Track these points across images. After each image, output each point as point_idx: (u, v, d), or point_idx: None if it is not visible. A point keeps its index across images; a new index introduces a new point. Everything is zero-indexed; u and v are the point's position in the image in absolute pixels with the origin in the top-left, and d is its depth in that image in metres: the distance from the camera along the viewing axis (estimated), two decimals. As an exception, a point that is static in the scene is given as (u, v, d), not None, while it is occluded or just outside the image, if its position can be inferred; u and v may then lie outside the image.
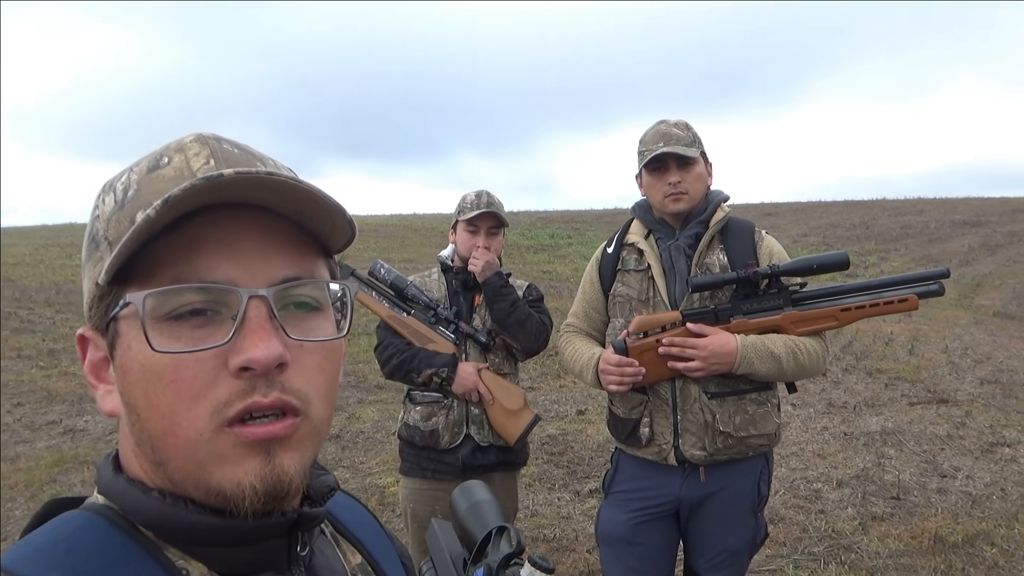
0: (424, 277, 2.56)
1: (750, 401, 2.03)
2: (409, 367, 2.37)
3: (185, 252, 0.53)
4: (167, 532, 0.54)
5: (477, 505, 0.82)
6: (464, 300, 2.49)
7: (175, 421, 0.52)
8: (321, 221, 0.58)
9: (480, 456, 2.40)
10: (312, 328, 0.57)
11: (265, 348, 0.52)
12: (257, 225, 0.55)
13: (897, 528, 3.77)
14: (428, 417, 2.42)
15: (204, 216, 0.53)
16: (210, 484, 0.53)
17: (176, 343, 0.52)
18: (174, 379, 0.52)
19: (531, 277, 13.68)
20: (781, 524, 3.84)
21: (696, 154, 2.07)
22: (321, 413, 0.57)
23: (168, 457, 0.53)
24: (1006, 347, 8.33)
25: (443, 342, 2.40)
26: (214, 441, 0.52)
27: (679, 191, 2.05)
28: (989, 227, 19.14)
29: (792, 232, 19.95)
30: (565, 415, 5.94)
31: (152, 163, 0.56)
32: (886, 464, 4.69)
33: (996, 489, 4.26)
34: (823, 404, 6.09)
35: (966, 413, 5.74)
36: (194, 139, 0.57)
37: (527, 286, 2.57)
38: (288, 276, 0.55)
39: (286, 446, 0.54)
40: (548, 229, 21.80)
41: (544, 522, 3.95)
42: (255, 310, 0.53)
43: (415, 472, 2.45)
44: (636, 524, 2.10)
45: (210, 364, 0.52)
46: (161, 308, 0.52)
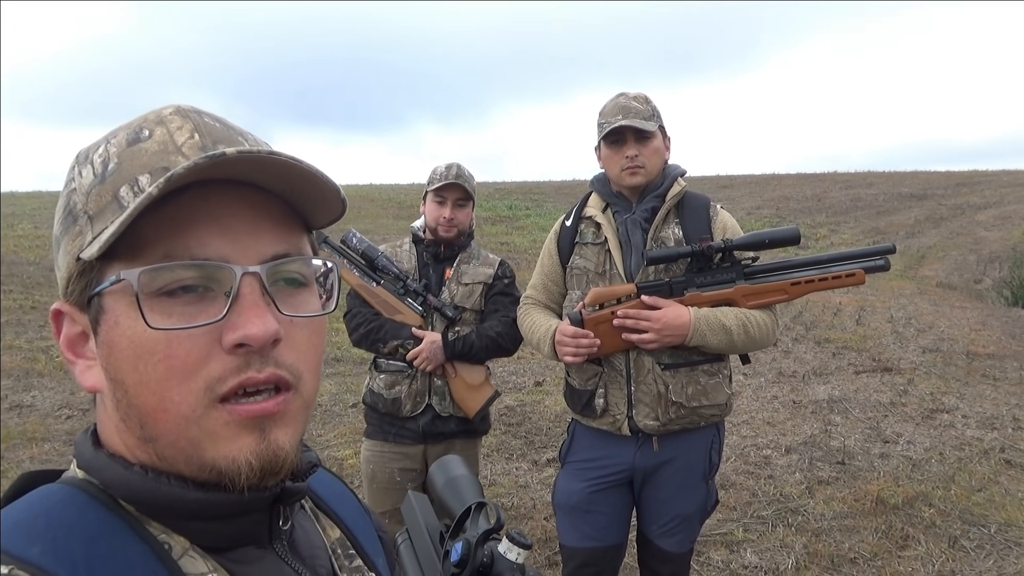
0: (395, 247, 2.58)
1: (702, 372, 2.08)
2: (376, 337, 2.42)
3: (175, 228, 0.53)
4: (149, 506, 0.54)
5: (455, 480, 0.82)
6: (434, 272, 2.52)
7: (167, 397, 0.52)
8: (308, 199, 0.58)
9: (440, 424, 2.46)
10: (301, 303, 0.57)
11: (261, 324, 0.52)
12: (247, 202, 0.55)
13: (841, 491, 3.92)
14: (392, 385, 2.47)
15: (193, 192, 0.53)
16: (204, 460, 0.53)
17: (169, 319, 0.52)
18: (166, 355, 0.51)
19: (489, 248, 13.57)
20: (732, 489, 3.96)
21: (654, 128, 2.08)
22: (311, 387, 0.58)
23: (159, 433, 0.53)
24: (947, 316, 8.64)
25: (410, 314, 2.43)
26: (207, 418, 0.52)
27: (636, 164, 2.07)
28: (935, 200, 19.72)
29: (746, 204, 20.28)
30: (523, 386, 6.00)
31: (132, 136, 0.55)
32: (832, 431, 4.86)
33: (935, 453, 4.45)
34: (773, 373, 6.25)
35: (908, 381, 5.96)
36: (174, 111, 0.57)
37: (499, 264, 2.59)
38: (278, 252, 0.56)
39: (279, 422, 0.55)
40: (506, 200, 21.75)
41: (502, 491, 4.00)
42: (248, 287, 0.53)
43: (377, 435, 2.52)
44: (592, 493, 2.14)
45: (203, 340, 0.52)
46: (151, 284, 0.52)
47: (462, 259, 2.55)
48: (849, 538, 3.40)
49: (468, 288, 2.51)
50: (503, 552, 0.74)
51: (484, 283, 2.53)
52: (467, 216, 2.53)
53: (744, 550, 3.31)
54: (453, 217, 2.47)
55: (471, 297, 2.51)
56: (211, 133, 0.56)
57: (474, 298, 2.51)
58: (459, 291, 2.50)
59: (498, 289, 2.54)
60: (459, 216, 2.49)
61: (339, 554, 0.67)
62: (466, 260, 2.55)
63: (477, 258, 2.58)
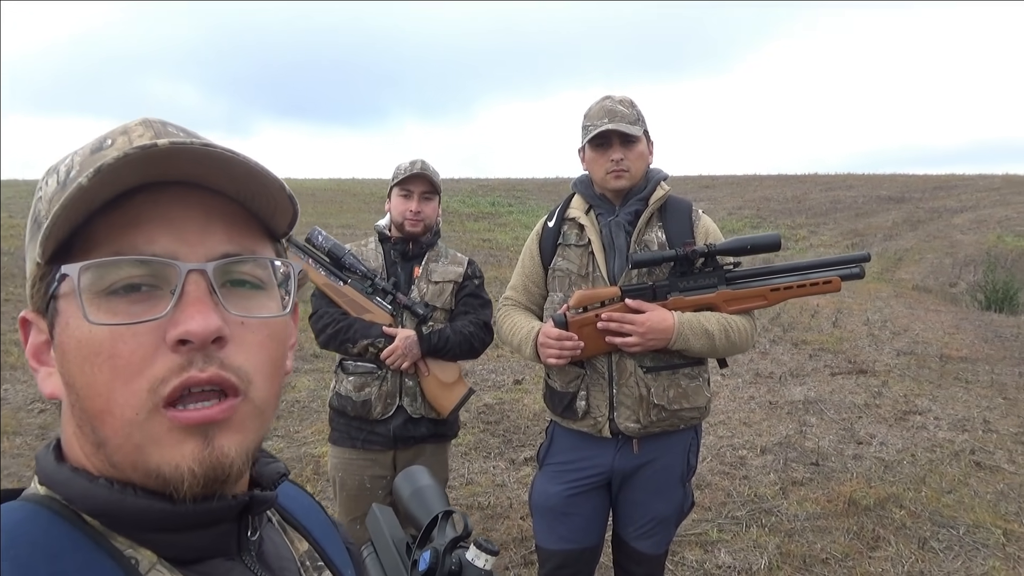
0: (361, 246, 2.52)
1: (683, 375, 2.09)
2: (345, 337, 2.34)
3: (124, 228, 0.53)
4: (114, 520, 0.53)
5: (421, 491, 0.82)
6: (403, 271, 2.47)
7: (112, 399, 0.51)
8: (264, 201, 0.58)
9: (411, 428, 2.41)
10: (255, 306, 0.56)
11: (203, 320, 0.51)
12: (199, 203, 0.55)
13: (815, 492, 3.96)
14: (361, 387, 2.40)
15: (145, 194, 0.53)
16: (148, 466, 0.52)
17: (113, 317, 0.51)
18: (111, 354, 0.51)
19: (471, 245, 13.66)
20: (707, 489, 3.99)
21: (639, 132, 2.09)
22: (263, 393, 0.56)
23: (107, 437, 0.53)
24: (922, 319, 8.76)
25: (380, 312, 2.37)
26: (150, 422, 0.51)
27: (621, 168, 2.08)
28: (912, 203, 19.97)
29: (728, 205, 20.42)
30: (502, 384, 6.01)
31: (96, 145, 0.56)
32: (807, 432, 4.91)
33: (907, 455, 4.51)
34: (751, 374, 6.31)
35: (883, 383, 6.04)
36: (139, 122, 0.57)
37: (468, 264, 2.55)
38: (229, 252, 0.55)
39: (226, 428, 0.53)
40: (489, 197, 21.75)
41: (479, 490, 4.01)
42: (194, 284, 0.53)
43: (344, 442, 2.44)
44: (569, 496, 2.15)
45: (148, 339, 0.51)
46: (100, 283, 0.52)
47: (430, 257, 2.50)
48: (821, 539, 3.45)
49: (439, 287, 2.46)
50: (471, 559, 0.75)
51: (454, 282, 2.49)
52: (433, 210, 2.48)
53: (718, 550, 3.34)
54: (420, 210, 2.42)
55: (442, 296, 2.46)
56: (170, 137, 0.55)
57: (444, 297, 2.46)
58: (429, 289, 2.45)
59: (469, 290, 2.50)
60: (425, 210, 2.44)
61: (308, 566, 0.67)
62: (434, 258, 2.50)
63: (445, 256, 2.53)
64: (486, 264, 11.28)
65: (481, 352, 2.50)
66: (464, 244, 13.73)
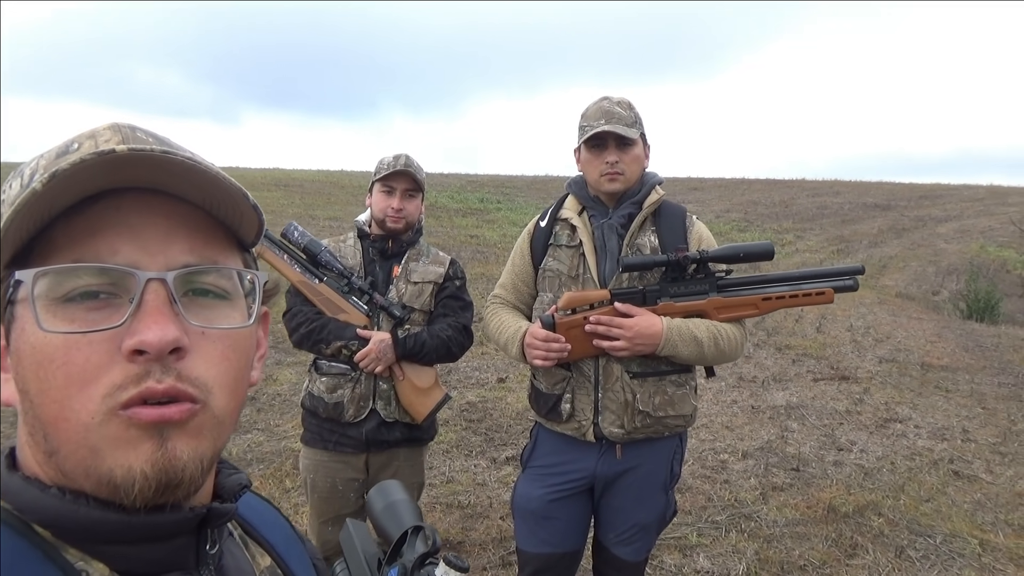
0: (339, 242, 2.44)
1: (670, 383, 2.08)
2: (318, 337, 2.27)
3: (84, 235, 0.52)
4: (67, 531, 0.52)
5: (393, 505, 0.81)
6: (381, 270, 2.39)
7: (66, 405, 0.50)
8: (229, 210, 0.57)
9: (385, 432, 2.34)
10: (217, 316, 0.55)
11: (159, 330, 0.50)
12: (162, 211, 0.54)
13: (795, 498, 3.98)
14: (333, 389, 2.33)
15: (107, 200, 0.52)
16: (101, 471, 0.51)
17: (69, 324, 0.50)
18: (65, 362, 0.50)
19: (459, 241, 13.62)
20: (688, 493, 4.00)
21: (636, 135, 2.06)
22: (224, 404, 0.55)
23: (60, 444, 0.51)
24: (905, 327, 8.83)
25: (355, 313, 2.30)
26: (106, 424, 0.50)
27: (616, 171, 2.06)
28: (898, 211, 20.13)
29: (715, 207, 20.50)
30: (486, 382, 5.99)
31: (62, 149, 0.54)
32: (789, 437, 4.93)
33: (887, 462, 4.54)
34: (734, 378, 6.33)
35: (864, 390, 6.08)
36: (108, 126, 0.55)
37: (449, 264, 2.47)
38: (191, 262, 0.54)
39: (181, 432, 0.52)
40: (478, 193, 21.71)
41: (460, 488, 3.99)
42: (153, 293, 0.51)
43: (317, 443, 2.38)
44: (552, 500, 2.14)
45: (103, 347, 0.50)
46: (57, 290, 0.51)
47: (411, 256, 2.42)
48: (800, 545, 3.46)
49: (418, 287, 2.39)
50: None
51: (434, 283, 2.41)
52: (416, 208, 2.41)
53: (697, 555, 3.34)
54: (402, 208, 2.35)
55: (420, 297, 2.38)
56: (139, 143, 0.54)
57: (423, 298, 2.39)
58: (408, 290, 2.37)
59: (449, 292, 2.43)
60: (408, 207, 2.37)
61: None
62: (415, 257, 2.42)
63: (427, 255, 2.45)
64: (473, 260, 11.26)
65: (460, 356, 2.44)
66: (451, 240, 13.69)
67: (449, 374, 6.14)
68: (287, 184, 20.31)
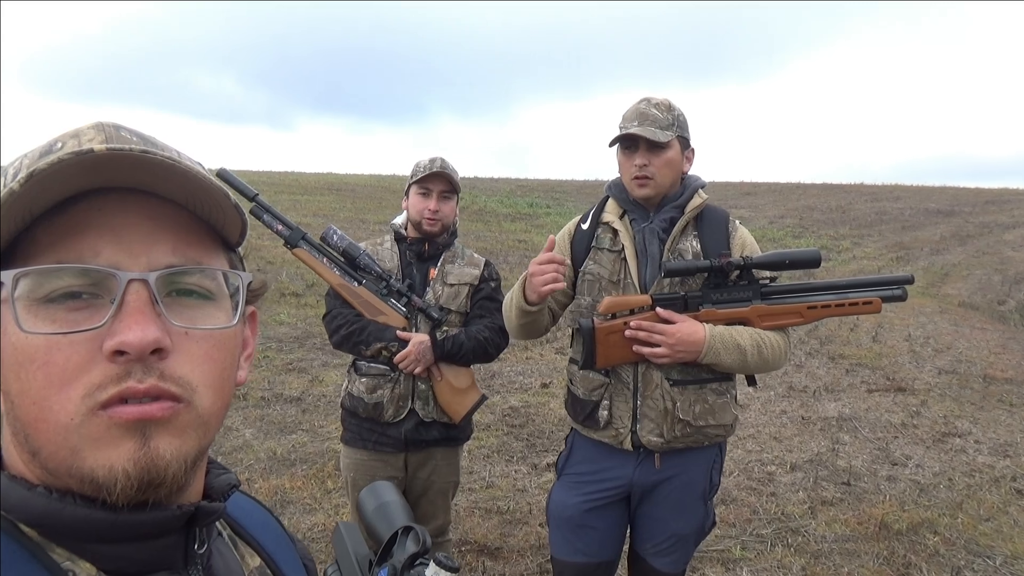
0: (376, 245, 2.48)
1: (711, 391, 2.03)
2: (358, 339, 2.32)
3: (66, 235, 0.52)
4: (53, 530, 0.52)
5: (385, 506, 0.81)
6: (418, 272, 2.43)
7: (46, 406, 0.50)
8: (213, 210, 0.56)
9: (423, 431, 2.39)
10: (201, 317, 0.55)
11: (140, 331, 0.50)
12: (145, 211, 0.54)
13: (845, 513, 3.85)
14: (373, 389, 2.38)
15: (89, 201, 0.52)
16: (83, 470, 0.51)
17: (50, 325, 0.50)
18: (45, 362, 0.50)
19: (507, 246, 13.63)
20: (732, 505, 3.90)
21: (667, 138, 2.00)
22: (208, 403, 0.55)
23: (41, 444, 0.51)
24: (967, 337, 8.48)
25: (394, 315, 2.34)
26: (87, 424, 0.50)
27: (644, 175, 2.02)
28: (962, 217, 19.41)
29: (769, 213, 20.09)
30: (529, 387, 5.96)
31: (46, 148, 0.54)
32: (840, 450, 4.78)
33: (944, 479, 4.35)
34: (784, 387, 6.17)
35: (922, 402, 5.86)
36: (92, 125, 0.55)
37: (484, 265, 2.50)
38: (174, 263, 0.54)
39: (164, 430, 0.52)
40: (527, 198, 21.72)
41: (499, 494, 3.97)
42: (135, 294, 0.51)
43: (356, 442, 2.43)
44: (587, 508, 2.10)
45: (84, 348, 0.50)
46: (38, 290, 0.51)
47: (446, 258, 2.46)
48: (849, 562, 3.34)
49: (454, 289, 2.42)
50: None
51: (470, 284, 2.45)
52: (451, 210, 2.45)
53: (740, 569, 3.25)
54: (439, 209, 2.39)
55: (457, 299, 2.42)
56: (122, 143, 0.53)
57: (460, 300, 2.43)
58: (444, 292, 2.41)
59: (485, 293, 2.46)
60: (444, 209, 2.40)
61: None
62: (451, 259, 2.46)
63: (462, 258, 2.49)
64: (521, 265, 11.25)
65: (496, 356, 2.46)
66: (500, 244, 13.72)
67: (492, 378, 6.13)
68: (339, 188, 20.65)
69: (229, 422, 4.90)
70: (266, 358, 6.47)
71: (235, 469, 4.16)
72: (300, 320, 7.77)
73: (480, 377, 6.14)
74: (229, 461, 4.29)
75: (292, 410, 5.16)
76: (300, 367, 6.21)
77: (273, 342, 6.97)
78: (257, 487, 3.94)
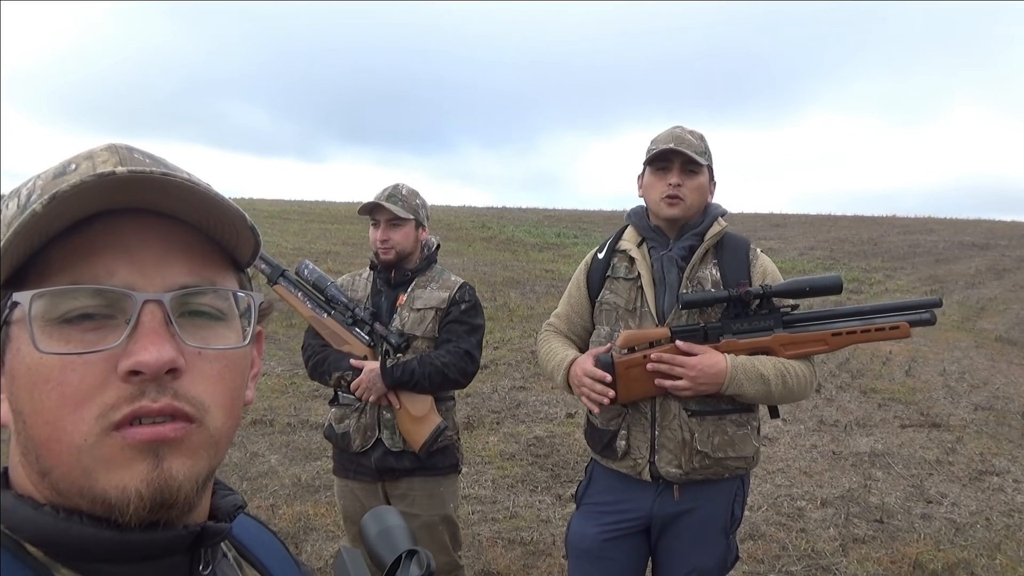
0: (355, 276, 2.55)
1: (730, 422, 2.00)
2: (322, 368, 2.37)
3: (81, 256, 0.52)
4: (59, 549, 0.52)
5: (387, 531, 0.81)
6: (386, 299, 2.44)
7: (59, 426, 0.51)
8: (226, 230, 0.57)
9: (393, 460, 2.37)
10: (213, 337, 0.56)
11: (156, 351, 0.51)
12: (159, 232, 0.55)
13: (878, 552, 3.74)
14: (341, 419, 2.42)
15: (103, 221, 0.53)
16: (95, 491, 0.51)
17: (65, 345, 0.51)
18: (60, 382, 0.50)
19: (534, 276, 13.66)
20: (761, 541, 3.82)
21: (704, 163, 2.02)
22: (220, 423, 0.55)
23: (53, 465, 0.52)
24: (1004, 373, 8.27)
25: (357, 343, 2.37)
26: (100, 445, 0.50)
27: (676, 195, 2.01)
28: (998, 251, 19.04)
29: (799, 244, 19.89)
30: (554, 417, 5.92)
31: (59, 169, 0.55)
32: (872, 486, 4.66)
33: (981, 518, 4.22)
34: (814, 421, 6.05)
35: (957, 439, 5.70)
36: (105, 147, 0.56)
37: (457, 288, 2.44)
38: (188, 283, 0.55)
39: (177, 450, 0.52)
40: (555, 228, 21.78)
41: (523, 524, 3.93)
42: (149, 315, 0.52)
43: (340, 472, 2.50)
44: (606, 540, 2.07)
45: (99, 368, 0.51)
46: (53, 311, 0.51)
47: (418, 283, 2.44)
48: (882, 603, 3.24)
49: (420, 314, 2.39)
50: None
51: (436, 308, 2.40)
52: (405, 236, 2.41)
53: (768, 606, 3.17)
54: (388, 238, 2.39)
55: (422, 324, 2.38)
56: (136, 164, 0.54)
57: (425, 324, 2.39)
58: (410, 317, 2.39)
59: (453, 316, 2.40)
60: (394, 236, 2.39)
61: None
62: (423, 284, 2.44)
63: (436, 281, 2.45)
64: (547, 295, 11.24)
65: (464, 383, 2.40)
66: (527, 274, 13.74)
67: (518, 408, 6.11)
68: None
69: (255, 448, 4.93)
70: (293, 384, 6.52)
71: (260, 495, 4.18)
72: (328, 347, 7.83)
73: (506, 407, 6.12)
74: (255, 487, 4.31)
75: (317, 436, 5.17)
76: (326, 394, 6.23)
77: (300, 368, 7.01)
78: (281, 513, 3.95)
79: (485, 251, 16.80)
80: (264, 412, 5.66)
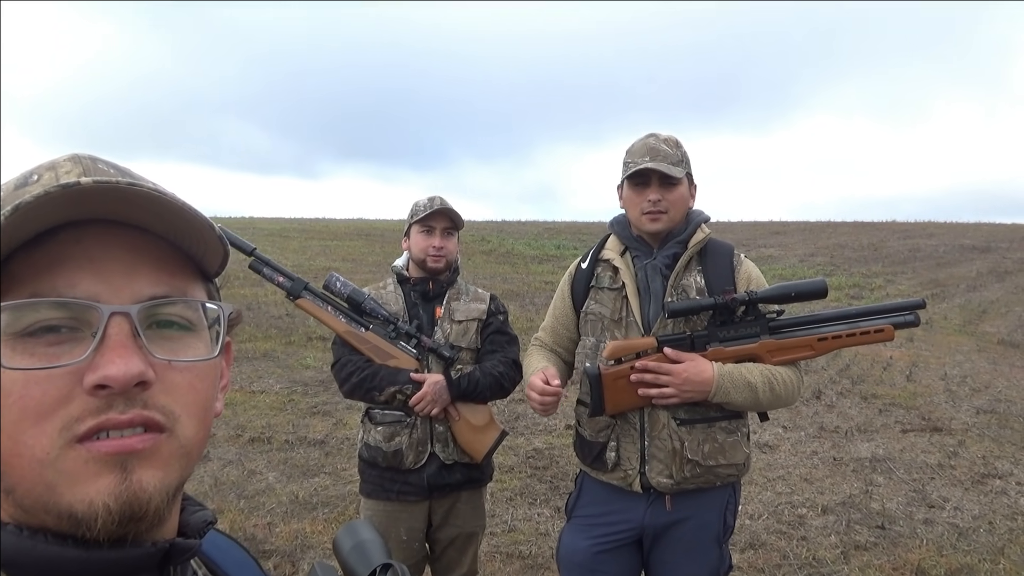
0: (379, 289, 2.47)
1: (720, 429, 1.99)
2: (371, 385, 2.26)
3: (44, 268, 0.51)
4: (22, 569, 0.50)
5: (361, 545, 0.79)
6: (424, 312, 2.41)
7: (20, 440, 0.49)
8: (194, 241, 0.56)
9: (446, 475, 2.34)
10: (182, 348, 0.55)
11: (124, 365, 0.49)
12: (125, 242, 0.54)
13: (880, 558, 3.71)
14: (391, 437, 2.33)
15: (68, 232, 0.52)
16: (60, 506, 0.50)
17: (29, 359, 0.49)
18: (21, 396, 0.49)
19: (533, 288, 13.63)
20: (761, 549, 3.79)
21: (681, 174, 2.01)
22: (191, 433, 0.54)
23: (16, 482, 0.50)
24: (1006, 376, 8.23)
25: (405, 357, 2.31)
26: (63, 459, 0.49)
27: (658, 210, 2.00)
28: (999, 253, 19.00)
29: (799, 251, 19.86)
30: (553, 428, 5.90)
31: (21, 180, 0.54)
32: (874, 492, 4.63)
33: (984, 522, 4.19)
34: (815, 428, 6.02)
35: (959, 442, 5.67)
36: (68, 158, 0.56)
37: (490, 300, 2.49)
38: (156, 294, 0.54)
39: (146, 462, 0.51)
40: (555, 240, 21.78)
41: (521, 538, 3.90)
42: (116, 327, 0.51)
43: (379, 494, 2.37)
44: (598, 552, 2.05)
45: (63, 382, 0.49)
46: (15, 324, 0.50)
47: (451, 296, 2.44)
48: (884, 610, 3.21)
49: (463, 326, 2.40)
50: None
51: (478, 319, 2.43)
52: (455, 246, 2.44)
53: (769, 616, 3.14)
54: (443, 246, 2.38)
55: (467, 335, 2.40)
56: (100, 175, 0.54)
57: (469, 336, 2.40)
58: (453, 329, 2.38)
59: (495, 327, 2.43)
60: (448, 245, 2.40)
61: None
62: (455, 296, 2.44)
63: (467, 294, 2.47)
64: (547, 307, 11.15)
65: (511, 391, 2.41)
66: (526, 286, 13.73)
67: (516, 420, 6.08)
68: (368, 233, 20.93)
69: (253, 465, 4.91)
70: (291, 402, 6.50)
71: (258, 513, 4.16)
72: (326, 364, 7.79)
73: (504, 419, 6.09)
74: (252, 505, 4.28)
75: (315, 453, 5.15)
76: (325, 410, 6.22)
77: (299, 385, 7.00)
78: (278, 531, 3.92)
79: (485, 264, 16.80)
80: (262, 429, 5.64)
